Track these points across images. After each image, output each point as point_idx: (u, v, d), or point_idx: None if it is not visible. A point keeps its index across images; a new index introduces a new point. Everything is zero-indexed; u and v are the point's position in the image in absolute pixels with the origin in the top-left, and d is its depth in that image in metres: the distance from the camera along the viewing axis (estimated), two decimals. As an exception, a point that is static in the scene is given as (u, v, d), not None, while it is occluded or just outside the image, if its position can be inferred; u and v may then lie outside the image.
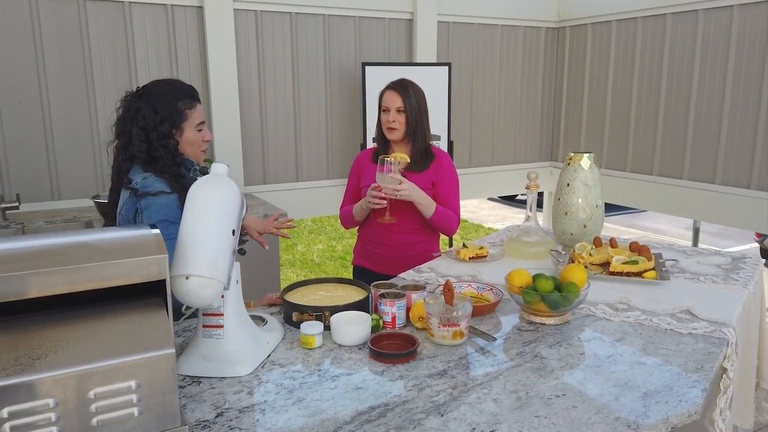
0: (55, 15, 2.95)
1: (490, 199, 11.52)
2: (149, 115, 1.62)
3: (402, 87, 2.21)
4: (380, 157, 2.06)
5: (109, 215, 1.73)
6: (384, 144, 2.29)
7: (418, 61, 3.94)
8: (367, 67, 3.62)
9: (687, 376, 1.26)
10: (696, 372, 1.28)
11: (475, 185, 4.48)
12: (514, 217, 10.19)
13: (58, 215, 2.85)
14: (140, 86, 1.70)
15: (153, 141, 1.62)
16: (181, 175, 1.65)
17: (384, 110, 2.22)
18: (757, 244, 7.63)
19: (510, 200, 11.66)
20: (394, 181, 2.05)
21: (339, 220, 2.44)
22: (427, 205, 2.17)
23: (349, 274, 2.46)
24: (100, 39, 3.07)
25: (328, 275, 6.63)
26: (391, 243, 2.28)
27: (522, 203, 11.46)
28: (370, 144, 3.83)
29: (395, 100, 2.19)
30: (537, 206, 2.21)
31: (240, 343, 1.30)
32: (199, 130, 1.72)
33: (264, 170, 3.66)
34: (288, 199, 3.62)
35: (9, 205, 2.72)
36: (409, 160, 2.19)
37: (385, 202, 2.10)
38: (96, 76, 3.08)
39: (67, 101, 3.04)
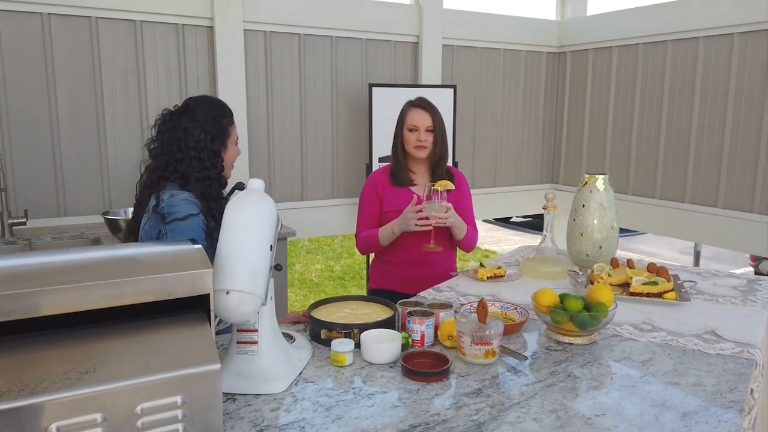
0: (66, 32, 2.95)
1: (485, 221, 11.59)
2: (199, 135, 1.61)
3: (430, 106, 2.21)
4: (427, 186, 2.04)
5: (133, 231, 1.71)
6: (402, 162, 2.28)
7: (423, 83, 3.98)
8: (373, 88, 3.65)
9: (722, 397, 1.26)
10: (731, 392, 1.28)
11: (478, 207, 4.44)
12: (510, 239, 10.22)
13: (65, 231, 2.82)
14: (178, 104, 1.68)
15: (204, 161, 1.61)
16: (216, 197, 1.63)
17: (412, 129, 2.19)
18: (752, 268, 7.70)
19: (505, 222, 11.71)
20: (442, 209, 2.03)
21: (335, 239, 2.41)
22: (461, 227, 2.20)
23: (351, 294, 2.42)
24: (111, 56, 3.07)
25: (328, 295, 6.57)
26: (425, 263, 2.26)
27: (517, 225, 11.51)
28: (376, 164, 3.84)
29: (425, 119, 2.18)
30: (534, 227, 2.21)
31: (274, 360, 1.28)
32: (236, 146, 1.73)
33: (270, 189, 3.65)
34: (293, 218, 3.62)
35: (16, 220, 2.70)
36: (453, 187, 2.12)
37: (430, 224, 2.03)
38: (105, 93, 3.08)
39: (76, 118, 3.03)
